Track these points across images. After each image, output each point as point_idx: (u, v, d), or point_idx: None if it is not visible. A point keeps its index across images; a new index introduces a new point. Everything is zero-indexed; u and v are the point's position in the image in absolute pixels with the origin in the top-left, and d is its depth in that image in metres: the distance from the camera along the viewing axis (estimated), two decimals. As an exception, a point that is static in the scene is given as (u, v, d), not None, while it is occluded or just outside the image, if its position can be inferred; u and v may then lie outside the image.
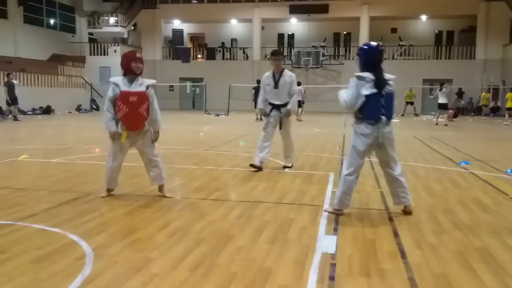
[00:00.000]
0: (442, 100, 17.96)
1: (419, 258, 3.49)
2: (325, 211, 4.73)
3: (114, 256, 3.43)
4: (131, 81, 5.05)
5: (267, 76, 7.28)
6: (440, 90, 18.11)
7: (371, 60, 4.53)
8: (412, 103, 25.15)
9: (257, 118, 19.78)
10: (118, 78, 5.08)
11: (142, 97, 5.03)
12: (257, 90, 20.27)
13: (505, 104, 20.41)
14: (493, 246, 3.76)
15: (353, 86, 4.47)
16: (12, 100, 17.97)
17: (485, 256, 3.55)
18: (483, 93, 25.26)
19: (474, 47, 28.63)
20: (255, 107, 20.10)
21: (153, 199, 5.21)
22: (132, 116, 4.99)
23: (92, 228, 4.09)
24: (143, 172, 6.88)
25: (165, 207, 4.90)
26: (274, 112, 7.20)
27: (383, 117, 4.42)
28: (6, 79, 18.53)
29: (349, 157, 4.71)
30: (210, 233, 4.02)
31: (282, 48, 31.75)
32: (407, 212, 4.68)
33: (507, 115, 20.10)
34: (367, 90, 4.39)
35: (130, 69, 5.05)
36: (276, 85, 7.16)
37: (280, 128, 7.28)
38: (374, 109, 4.40)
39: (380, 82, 4.42)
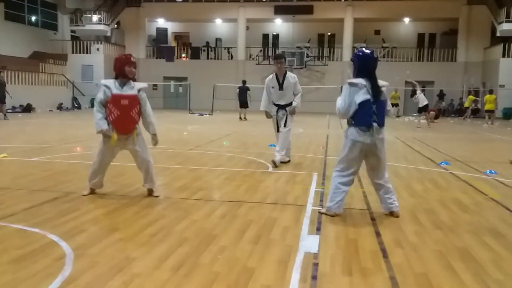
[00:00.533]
0: (421, 103, 18.15)
1: (400, 257, 3.53)
2: (319, 212, 4.73)
3: (95, 256, 3.39)
4: (122, 84, 5.02)
5: (270, 79, 7.61)
6: (421, 92, 18.30)
7: (365, 66, 4.51)
8: (397, 105, 25.36)
9: (240, 118, 19.80)
10: (109, 81, 5.03)
11: (134, 100, 5.02)
12: (241, 90, 20.29)
13: (484, 106, 20.78)
14: (472, 246, 3.82)
15: (346, 94, 4.49)
16: (2, 98, 17.61)
17: (465, 255, 3.60)
18: (470, 96, 24.68)
19: (456, 49, 29.06)
20: (240, 107, 20.17)
21: (135, 199, 5.17)
22: (124, 119, 4.98)
23: (73, 228, 4.04)
24: (126, 171, 6.86)
25: (148, 206, 4.87)
26: (281, 112, 7.59)
27: (375, 124, 4.41)
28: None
29: (341, 161, 4.72)
30: (193, 232, 4.00)
31: (266, 49, 31.80)
32: (394, 216, 4.66)
33: (487, 117, 20.48)
34: (360, 96, 4.39)
35: (123, 73, 5.01)
36: (281, 87, 7.53)
37: (285, 125, 7.56)
38: (367, 116, 4.40)
39: (375, 89, 4.40)
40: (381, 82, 4.50)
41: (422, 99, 18.16)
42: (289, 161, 7.85)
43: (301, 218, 4.53)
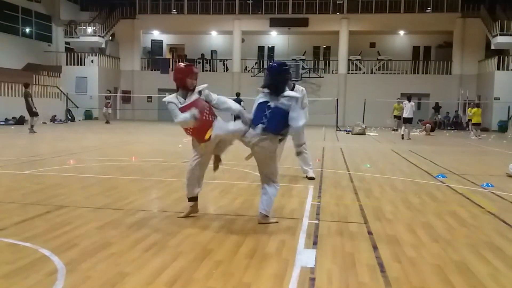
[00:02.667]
0: (407, 114, 18.19)
1: (398, 271, 3.48)
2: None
3: (87, 271, 3.32)
4: (184, 96, 4.78)
5: None
6: (409, 102, 18.32)
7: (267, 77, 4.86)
8: (399, 117, 25.10)
9: None
10: (171, 97, 4.78)
11: (199, 103, 4.73)
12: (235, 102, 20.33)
13: (471, 120, 20.74)
14: (470, 260, 3.78)
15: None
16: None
17: (463, 269, 3.57)
18: (476, 109, 21.40)
19: (451, 62, 29.28)
20: (234, 120, 20.16)
21: (128, 212, 5.10)
22: (200, 126, 4.68)
23: (65, 242, 3.96)
24: (119, 184, 6.80)
25: (141, 220, 4.80)
26: None
27: (260, 125, 4.62)
28: (24, 90, 17.86)
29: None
30: (188, 247, 3.94)
31: (262, 61, 31.91)
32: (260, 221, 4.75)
33: (474, 130, 20.30)
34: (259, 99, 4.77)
35: (185, 85, 4.80)
36: None
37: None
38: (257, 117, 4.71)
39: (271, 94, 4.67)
40: (289, 93, 4.72)
41: (406, 110, 18.21)
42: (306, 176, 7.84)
43: (297, 231, 4.48)
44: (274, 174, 4.83)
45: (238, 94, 21.37)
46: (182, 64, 5.01)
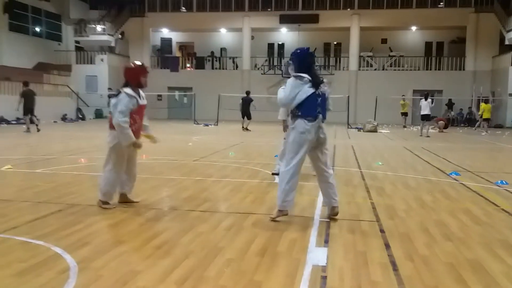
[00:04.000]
0: (425, 111, 17.91)
1: (410, 270, 3.45)
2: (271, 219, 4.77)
3: (99, 269, 3.33)
4: (138, 94, 5.13)
5: None
6: (426, 100, 17.99)
7: (304, 62, 4.77)
8: (406, 114, 25.12)
9: (243, 128, 19.72)
10: (131, 91, 5.05)
11: (144, 109, 5.26)
12: (244, 101, 20.22)
13: (482, 115, 20.65)
14: (484, 258, 3.73)
15: (290, 86, 4.68)
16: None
17: (477, 268, 3.52)
18: (485, 105, 21.69)
19: (464, 58, 28.96)
20: (243, 118, 20.10)
21: (140, 211, 5.11)
22: (140, 127, 5.26)
23: (77, 241, 3.98)
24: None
25: (153, 218, 4.81)
26: None
27: (320, 115, 4.69)
28: (24, 88, 17.93)
29: (288, 154, 4.78)
30: (199, 245, 3.94)
31: (272, 58, 31.84)
32: (334, 214, 4.84)
33: (485, 125, 20.33)
34: (306, 90, 4.62)
35: (139, 83, 5.11)
36: None
37: None
38: (312, 108, 4.64)
39: (316, 82, 4.68)
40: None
41: (423, 107, 17.93)
42: None
43: (308, 230, 4.46)
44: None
45: (248, 93, 21.11)
46: (137, 63, 5.25)
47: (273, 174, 7.51)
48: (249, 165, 8.71)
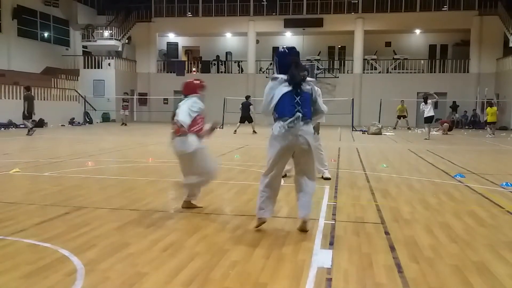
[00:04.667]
0: (428, 113, 17.79)
1: (415, 272, 3.45)
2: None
3: (105, 271, 3.36)
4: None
5: None
6: (425, 103, 17.85)
7: (282, 62, 4.40)
8: (404, 117, 25.10)
9: (235, 132, 19.75)
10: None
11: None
12: (244, 105, 20.25)
13: (487, 119, 20.59)
14: (489, 260, 3.73)
15: (266, 90, 4.38)
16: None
17: (482, 270, 3.52)
18: (490, 108, 20.67)
19: (468, 60, 28.87)
20: (241, 122, 20.09)
21: (146, 213, 5.15)
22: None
23: (84, 243, 4.02)
24: (136, 185, 6.87)
25: (159, 221, 4.84)
26: None
27: (299, 114, 4.19)
28: (25, 92, 18.18)
29: (266, 159, 4.48)
30: (204, 247, 3.96)
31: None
32: (301, 228, 4.45)
33: (489, 129, 20.29)
34: (281, 89, 4.26)
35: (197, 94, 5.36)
36: None
37: None
38: (288, 107, 4.22)
39: (293, 80, 4.25)
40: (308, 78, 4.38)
41: (426, 110, 17.83)
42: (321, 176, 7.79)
43: (313, 232, 4.47)
44: (314, 169, 4.62)
45: (247, 97, 20.98)
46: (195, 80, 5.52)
47: (323, 178, 7.60)
48: (254, 168, 8.73)
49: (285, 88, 4.24)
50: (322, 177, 7.64)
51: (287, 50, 4.48)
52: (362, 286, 3.19)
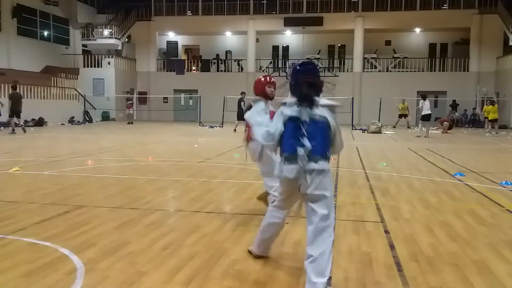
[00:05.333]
0: (427, 111, 17.89)
1: (415, 271, 3.46)
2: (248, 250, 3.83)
3: (105, 270, 3.37)
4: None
5: None
6: (424, 100, 18.00)
7: (292, 83, 3.37)
8: (405, 116, 25.10)
9: (235, 130, 19.67)
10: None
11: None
12: (238, 102, 20.15)
13: (488, 116, 20.64)
14: (489, 259, 3.73)
15: (277, 116, 3.29)
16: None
17: (482, 269, 3.52)
18: (490, 106, 20.68)
19: (468, 59, 28.86)
20: (238, 119, 20.03)
21: (145, 212, 5.15)
22: None
23: (84, 242, 4.02)
24: (136, 184, 6.87)
25: (158, 220, 4.84)
26: None
27: (302, 149, 3.04)
28: (11, 91, 18.31)
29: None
30: (204, 246, 3.96)
31: (276, 60, 31.87)
32: None
33: (490, 127, 20.39)
34: (285, 116, 3.20)
35: (265, 94, 4.75)
36: None
37: None
38: (291, 139, 3.11)
39: (302, 102, 3.17)
40: (324, 101, 3.22)
41: (424, 108, 17.91)
42: None
43: (313, 231, 4.46)
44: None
45: (241, 93, 20.63)
46: (261, 77, 4.92)
47: None
48: (254, 167, 8.68)
49: (289, 114, 3.17)
50: None
51: (298, 67, 3.39)
52: (362, 285, 3.19)
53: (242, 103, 19.75)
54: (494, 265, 3.60)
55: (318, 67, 3.49)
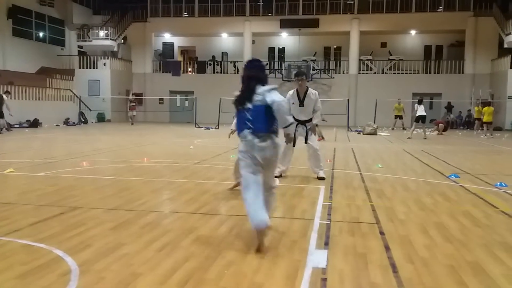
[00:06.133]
0: (420, 112, 18.09)
1: (410, 272, 3.46)
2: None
3: (100, 271, 3.35)
4: None
5: (292, 95, 7.67)
6: (420, 104, 18.24)
7: (243, 75, 4.20)
8: (401, 117, 25.20)
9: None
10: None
11: None
12: None
13: (482, 118, 20.80)
14: (484, 260, 3.74)
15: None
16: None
17: (477, 270, 3.53)
18: (486, 108, 20.91)
19: (463, 61, 28.99)
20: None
21: (141, 213, 5.13)
22: None
23: (79, 243, 4.00)
24: (131, 185, 6.85)
25: (154, 221, 4.83)
26: (300, 127, 7.65)
27: (246, 130, 4.02)
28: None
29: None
30: (199, 247, 3.96)
31: (272, 62, 31.89)
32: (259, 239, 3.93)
33: (485, 128, 20.51)
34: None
35: None
36: (301, 103, 7.61)
37: (306, 141, 7.72)
38: (239, 125, 4.13)
39: (240, 97, 4.11)
40: (263, 88, 4.04)
41: (419, 110, 18.13)
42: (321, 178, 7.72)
43: (308, 232, 4.47)
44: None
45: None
46: None
47: (320, 178, 7.65)
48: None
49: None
50: (317, 177, 7.65)
51: (246, 63, 4.27)
52: (357, 286, 3.19)
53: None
54: (489, 266, 3.61)
55: (262, 63, 4.34)
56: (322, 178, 7.60)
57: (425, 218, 5.15)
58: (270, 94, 4.00)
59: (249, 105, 4.02)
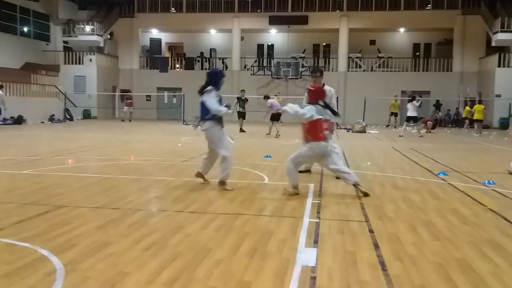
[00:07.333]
0: (411, 113, 18.25)
1: (399, 270, 3.46)
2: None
3: (86, 271, 3.30)
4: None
5: None
6: (410, 102, 18.38)
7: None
8: (396, 114, 25.21)
9: (241, 129, 19.40)
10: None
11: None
12: (238, 100, 20.06)
13: (473, 116, 21.02)
14: (472, 258, 3.76)
15: None
16: None
17: (465, 267, 3.54)
18: (476, 105, 21.05)
19: (451, 59, 29.22)
20: (238, 118, 19.93)
21: (128, 212, 5.07)
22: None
23: (64, 243, 3.93)
24: (118, 183, 6.77)
25: (141, 220, 4.77)
26: None
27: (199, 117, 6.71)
28: None
29: None
30: (187, 246, 3.91)
31: (261, 59, 31.84)
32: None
33: (476, 126, 20.74)
34: None
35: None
36: None
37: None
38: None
39: (199, 92, 6.86)
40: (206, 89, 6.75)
41: (409, 109, 18.30)
42: None
43: (298, 230, 4.45)
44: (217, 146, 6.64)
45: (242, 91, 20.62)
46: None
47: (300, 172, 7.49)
48: (239, 166, 8.68)
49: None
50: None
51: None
52: (346, 284, 3.18)
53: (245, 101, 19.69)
54: (476, 263, 3.62)
55: (219, 70, 6.76)
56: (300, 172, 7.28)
57: (414, 215, 5.16)
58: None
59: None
